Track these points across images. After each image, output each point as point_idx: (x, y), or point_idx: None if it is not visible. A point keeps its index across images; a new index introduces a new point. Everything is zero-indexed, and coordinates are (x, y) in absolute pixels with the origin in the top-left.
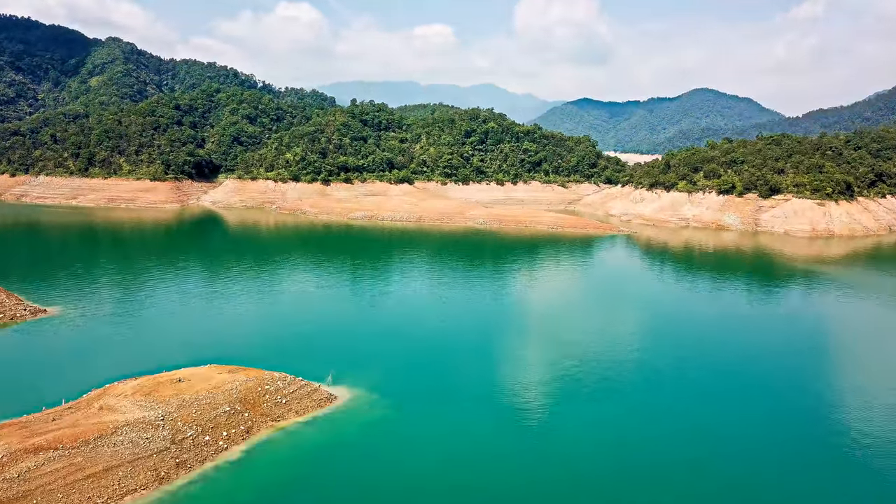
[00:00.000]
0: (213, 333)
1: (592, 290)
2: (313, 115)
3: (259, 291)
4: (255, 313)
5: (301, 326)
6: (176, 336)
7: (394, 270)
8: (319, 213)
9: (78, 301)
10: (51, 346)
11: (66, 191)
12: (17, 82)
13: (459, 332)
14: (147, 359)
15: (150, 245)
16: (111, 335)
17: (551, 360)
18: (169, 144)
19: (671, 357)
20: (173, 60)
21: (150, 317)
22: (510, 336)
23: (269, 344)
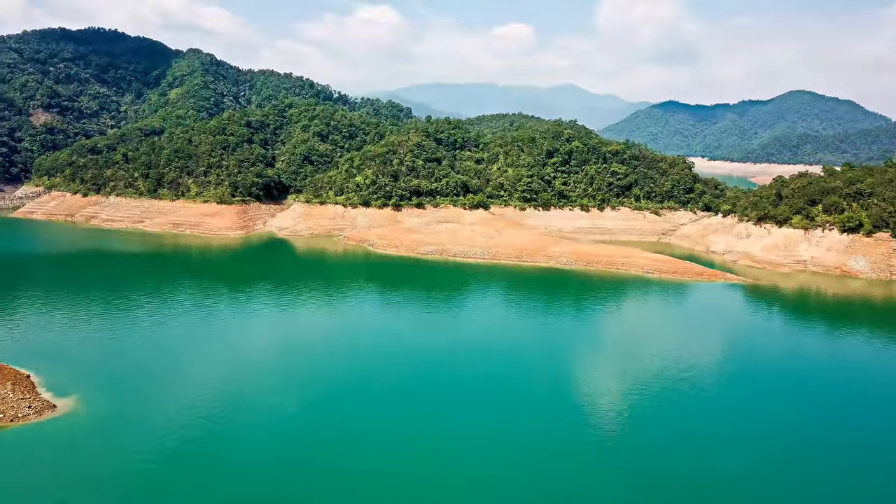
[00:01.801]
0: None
1: (719, 388)
2: (387, 132)
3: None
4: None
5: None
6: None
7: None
8: (387, 247)
9: (105, 386)
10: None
11: (135, 213)
12: (102, 95)
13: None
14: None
15: (205, 294)
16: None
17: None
18: (237, 165)
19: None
20: (251, 71)
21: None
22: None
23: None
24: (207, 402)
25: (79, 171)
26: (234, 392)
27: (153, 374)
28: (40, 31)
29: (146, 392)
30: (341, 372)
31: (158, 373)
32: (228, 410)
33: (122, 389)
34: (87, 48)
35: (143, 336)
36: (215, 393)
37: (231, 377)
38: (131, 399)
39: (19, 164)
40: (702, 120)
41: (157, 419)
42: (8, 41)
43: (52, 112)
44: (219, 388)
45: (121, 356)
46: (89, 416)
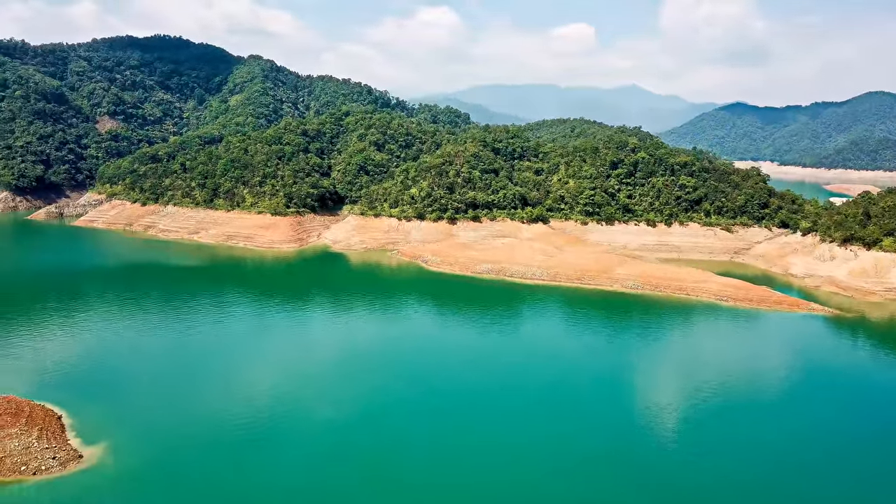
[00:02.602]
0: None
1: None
2: (443, 141)
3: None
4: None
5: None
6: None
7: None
8: (441, 264)
9: (140, 428)
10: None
11: (191, 224)
12: (165, 101)
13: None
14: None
15: (258, 315)
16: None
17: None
18: (293, 175)
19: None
20: (310, 77)
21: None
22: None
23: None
24: (254, 455)
25: (139, 179)
26: (287, 439)
27: (194, 415)
28: (109, 40)
29: (185, 437)
30: (397, 392)
31: (200, 412)
32: (282, 462)
33: (158, 433)
34: (152, 55)
35: (191, 366)
36: (264, 440)
37: (284, 419)
38: (168, 446)
39: (85, 171)
40: (771, 122)
41: (194, 473)
42: (78, 50)
43: (118, 119)
44: (268, 433)
45: (164, 390)
46: (117, 470)
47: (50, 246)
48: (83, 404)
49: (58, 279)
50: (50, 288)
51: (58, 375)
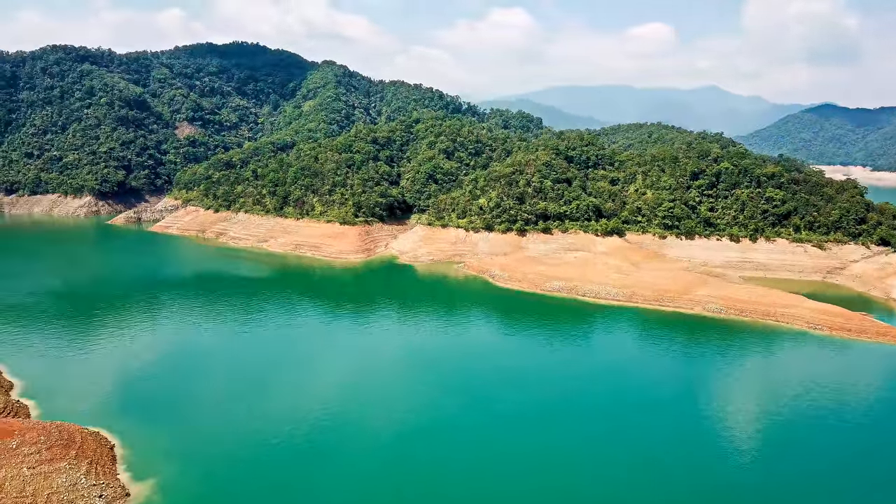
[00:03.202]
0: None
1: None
2: (514, 148)
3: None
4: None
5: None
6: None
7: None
8: (509, 280)
9: (198, 461)
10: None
11: (261, 231)
12: (241, 107)
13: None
14: None
15: (326, 330)
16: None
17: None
18: (362, 184)
19: None
20: (382, 82)
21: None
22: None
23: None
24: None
25: (212, 186)
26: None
27: (253, 443)
28: (190, 47)
29: (241, 471)
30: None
31: (259, 438)
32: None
33: (212, 466)
34: (230, 62)
35: (256, 384)
36: (323, 466)
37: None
38: (221, 483)
39: (163, 176)
40: (863, 125)
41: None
42: (160, 57)
43: (196, 125)
44: (327, 458)
45: (224, 412)
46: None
47: (126, 252)
48: (139, 429)
49: (132, 289)
50: (123, 297)
51: (119, 394)
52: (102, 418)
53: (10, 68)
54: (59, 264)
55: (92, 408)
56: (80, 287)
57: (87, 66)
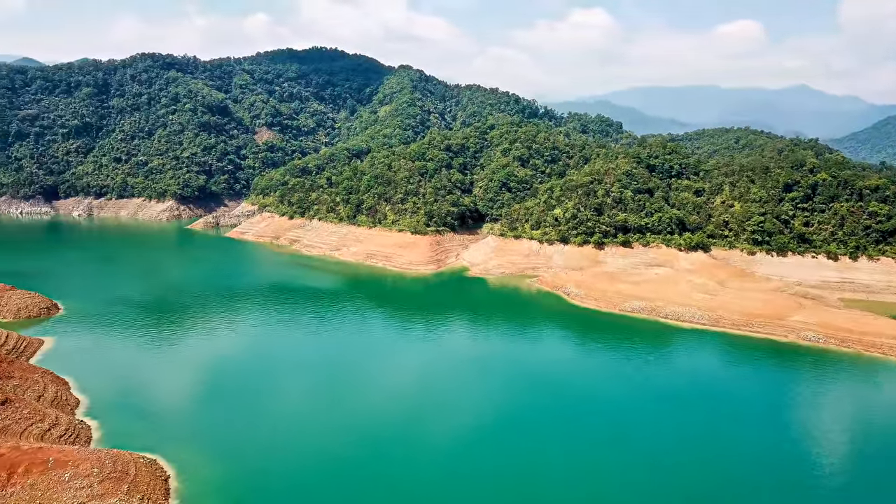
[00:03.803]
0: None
1: None
2: (592, 155)
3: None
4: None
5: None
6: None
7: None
8: (585, 298)
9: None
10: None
11: (333, 240)
12: (319, 112)
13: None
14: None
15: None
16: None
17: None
18: (434, 193)
19: None
20: (458, 87)
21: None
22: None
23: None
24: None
25: (287, 193)
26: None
27: (320, 481)
28: (270, 53)
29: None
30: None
31: (328, 470)
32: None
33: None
34: (309, 67)
35: (324, 403)
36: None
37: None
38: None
39: (242, 181)
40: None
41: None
42: (243, 63)
43: (274, 130)
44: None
45: (290, 434)
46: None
47: (203, 261)
48: (199, 458)
49: (206, 300)
50: (198, 308)
51: (184, 415)
52: (163, 443)
53: (102, 76)
54: (139, 271)
55: (154, 430)
56: (156, 295)
57: (174, 74)
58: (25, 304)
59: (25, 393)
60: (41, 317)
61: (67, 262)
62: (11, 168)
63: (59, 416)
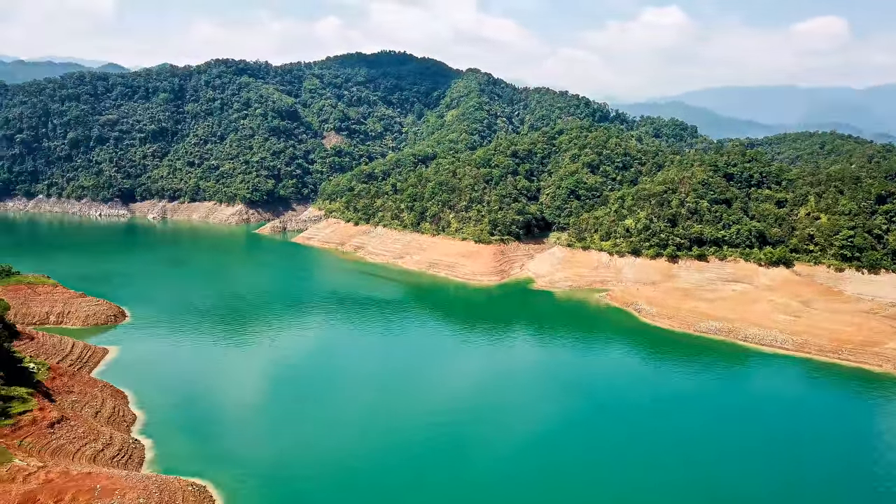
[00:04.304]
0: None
1: None
2: (666, 162)
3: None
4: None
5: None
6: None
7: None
8: (657, 316)
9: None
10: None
11: (397, 247)
12: (386, 117)
13: None
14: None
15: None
16: None
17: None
18: (499, 201)
19: None
20: (526, 90)
21: None
22: None
23: None
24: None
25: (353, 199)
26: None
27: None
28: (340, 57)
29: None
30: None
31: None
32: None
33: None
34: (377, 71)
35: (386, 429)
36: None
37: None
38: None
39: (310, 185)
40: None
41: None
42: (312, 68)
43: (342, 134)
44: None
45: (344, 455)
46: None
47: (268, 267)
48: (250, 485)
49: (271, 308)
50: (262, 317)
51: (238, 435)
52: (216, 466)
53: (178, 82)
54: (206, 277)
55: (208, 451)
56: (222, 303)
57: (246, 79)
58: (94, 312)
59: (83, 409)
60: (108, 324)
61: (138, 266)
62: (92, 171)
63: (114, 434)
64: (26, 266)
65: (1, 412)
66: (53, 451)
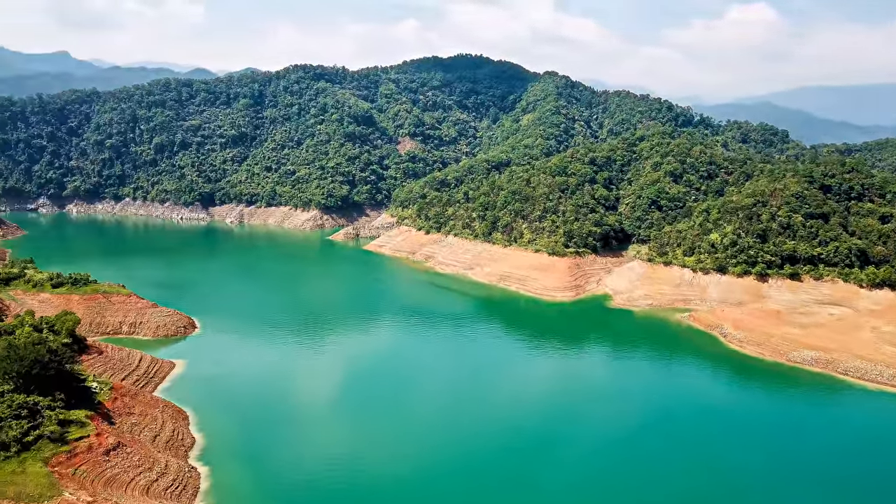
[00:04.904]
0: None
1: None
2: (755, 171)
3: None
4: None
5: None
6: None
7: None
8: (745, 342)
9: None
10: None
11: (467, 258)
12: (461, 121)
13: None
14: None
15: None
16: None
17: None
18: (575, 211)
19: None
20: (605, 93)
21: None
22: None
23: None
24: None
25: (425, 207)
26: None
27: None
28: (416, 62)
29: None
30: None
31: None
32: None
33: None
34: (453, 75)
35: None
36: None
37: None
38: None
39: (384, 191)
40: None
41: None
42: (389, 72)
43: (416, 139)
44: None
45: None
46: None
47: (341, 277)
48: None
49: (342, 321)
50: (335, 330)
51: (297, 465)
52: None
53: (258, 88)
54: (279, 285)
55: (265, 484)
56: (293, 314)
57: (323, 84)
58: (164, 323)
59: (142, 432)
60: (178, 335)
61: (212, 273)
62: (175, 176)
63: (170, 462)
64: (109, 268)
65: (58, 438)
66: (107, 482)
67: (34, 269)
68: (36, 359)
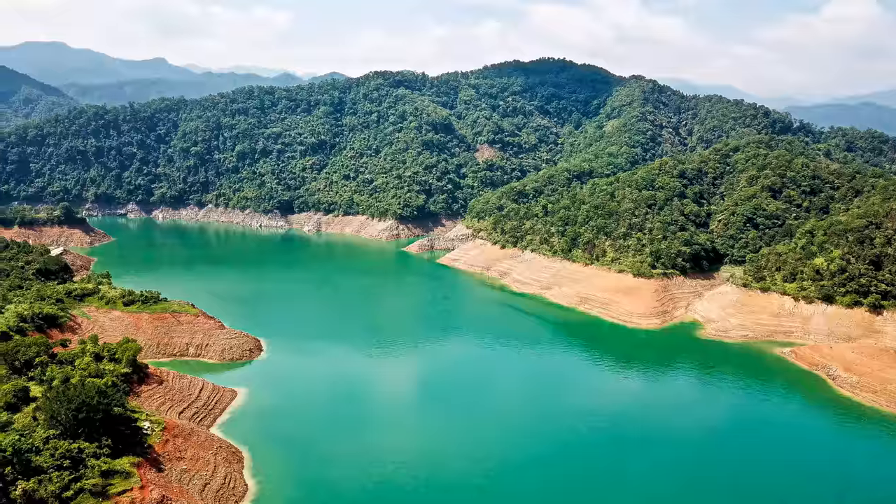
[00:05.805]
0: None
1: None
2: (865, 187)
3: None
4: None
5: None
6: None
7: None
8: (857, 387)
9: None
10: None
11: (545, 276)
12: (542, 127)
13: None
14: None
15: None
16: None
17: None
18: (662, 228)
19: None
20: (696, 97)
21: None
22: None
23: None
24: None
25: (501, 220)
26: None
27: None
28: (497, 66)
29: None
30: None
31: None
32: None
33: None
34: (534, 80)
35: None
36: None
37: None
38: None
39: (460, 200)
40: None
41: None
42: (469, 77)
43: (495, 147)
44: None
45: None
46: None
47: (412, 296)
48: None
49: (418, 344)
50: (409, 353)
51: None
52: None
53: (338, 95)
54: (351, 302)
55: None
56: (363, 336)
57: (402, 91)
58: (230, 346)
59: (191, 481)
60: (243, 360)
61: (286, 286)
62: (255, 183)
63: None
64: (186, 277)
65: (100, 492)
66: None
67: (108, 286)
68: (84, 401)
